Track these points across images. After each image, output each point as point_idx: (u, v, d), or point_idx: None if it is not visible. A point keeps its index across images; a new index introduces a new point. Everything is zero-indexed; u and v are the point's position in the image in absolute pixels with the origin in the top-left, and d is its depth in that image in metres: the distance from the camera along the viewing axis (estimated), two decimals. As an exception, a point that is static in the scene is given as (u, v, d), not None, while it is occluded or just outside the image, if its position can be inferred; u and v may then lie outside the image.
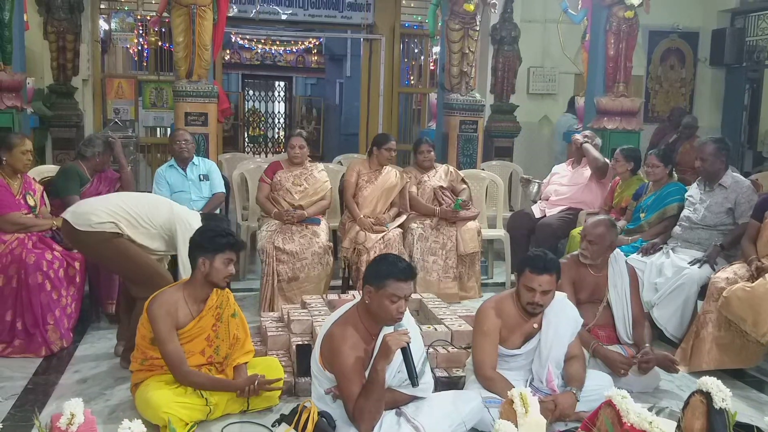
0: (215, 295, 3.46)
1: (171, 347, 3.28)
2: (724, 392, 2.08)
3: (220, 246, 3.34)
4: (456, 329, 4.04)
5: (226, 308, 3.49)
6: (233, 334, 3.50)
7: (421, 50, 10.30)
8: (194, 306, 3.40)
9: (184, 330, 3.35)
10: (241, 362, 3.50)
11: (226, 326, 3.48)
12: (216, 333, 3.45)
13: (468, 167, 6.39)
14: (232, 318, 3.51)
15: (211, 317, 3.43)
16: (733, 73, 9.57)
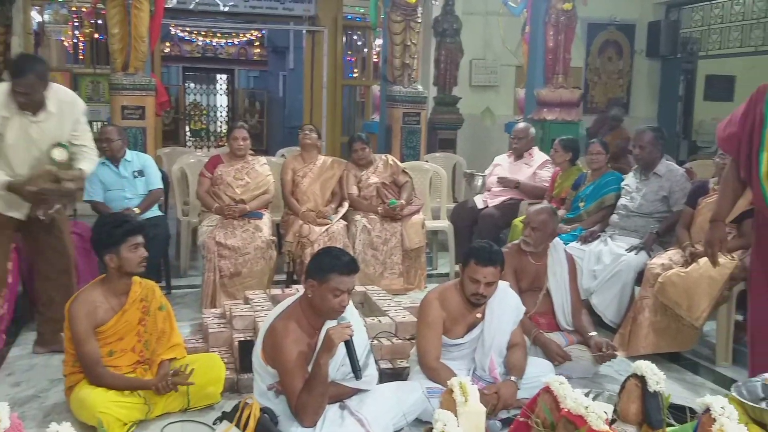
0: (138, 288, 3.39)
1: (87, 348, 3.21)
2: (658, 375, 2.13)
3: (119, 237, 3.28)
4: (400, 320, 4.05)
5: (152, 301, 3.42)
6: (160, 328, 3.42)
7: (364, 42, 10.28)
8: (115, 300, 3.33)
9: (109, 326, 3.28)
10: (166, 358, 3.42)
11: (154, 319, 3.41)
12: (145, 327, 3.39)
13: (411, 159, 6.41)
14: (159, 311, 3.43)
15: (136, 311, 3.36)
16: (669, 64, 9.82)
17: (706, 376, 4.13)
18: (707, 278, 4.14)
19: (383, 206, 5.56)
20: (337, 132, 9.85)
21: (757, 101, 3.18)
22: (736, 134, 3.26)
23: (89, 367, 3.22)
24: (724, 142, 3.39)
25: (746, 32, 9.09)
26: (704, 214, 4.44)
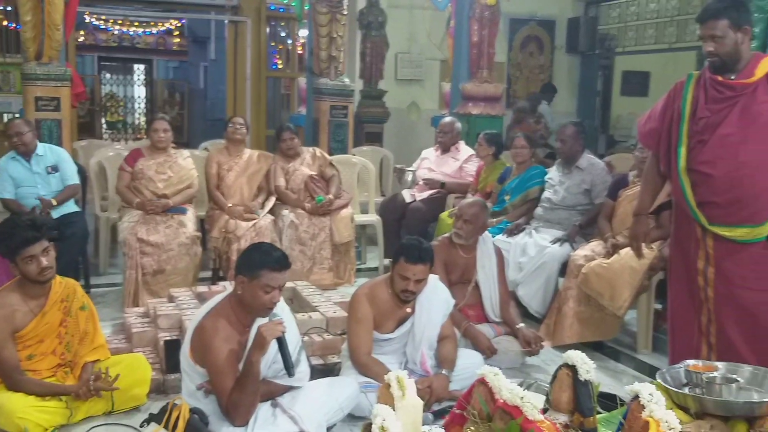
0: (59, 287, 3.25)
1: (5, 354, 3.07)
2: (588, 365, 2.19)
3: (11, 250, 3.11)
4: (331, 316, 4.03)
5: (73, 301, 3.27)
6: (82, 329, 3.29)
7: (288, 34, 10.16)
8: (34, 302, 3.18)
9: (28, 330, 3.14)
10: (89, 360, 3.28)
11: (76, 320, 3.26)
12: (66, 329, 3.25)
13: (339, 153, 6.38)
14: (81, 311, 3.29)
15: (57, 312, 3.22)
16: (587, 60, 10.10)
17: (627, 364, 4.27)
18: (628, 269, 4.28)
19: (311, 203, 5.52)
20: (262, 125, 9.72)
21: (675, 97, 3.28)
22: (656, 129, 3.36)
23: (7, 374, 3.08)
24: (645, 137, 3.50)
25: (661, 29, 9.42)
26: (624, 206, 4.59)
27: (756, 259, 3.10)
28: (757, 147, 3.03)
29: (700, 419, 2.24)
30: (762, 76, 3.03)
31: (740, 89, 3.07)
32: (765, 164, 3.03)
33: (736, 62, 3.07)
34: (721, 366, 2.45)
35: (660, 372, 2.42)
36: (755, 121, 3.03)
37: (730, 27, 3.01)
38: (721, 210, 3.13)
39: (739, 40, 3.03)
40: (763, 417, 2.16)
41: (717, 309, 3.20)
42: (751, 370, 2.47)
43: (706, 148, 3.13)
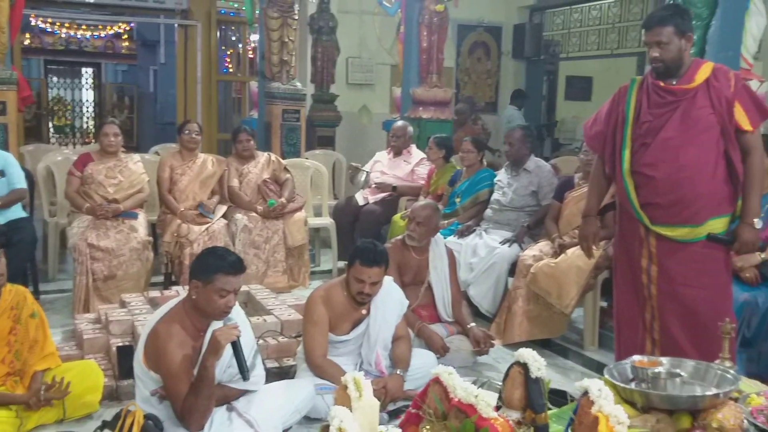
0: (8, 295, 3.18)
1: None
2: (539, 362, 2.25)
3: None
4: (286, 319, 4.04)
5: (23, 308, 3.20)
6: (32, 337, 3.22)
7: (238, 37, 10.10)
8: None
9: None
10: (39, 369, 3.20)
11: (25, 328, 3.19)
12: (16, 337, 3.18)
13: (292, 156, 6.38)
14: (31, 319, 3.22)
15: (6, 320, 3.15)
16: (533, 65, 10.29)
17: (575, 360, 4.39)
18: (575, 268, 4.40)
19: (263, 206, 5.52)
20: (213, 128, 9.64)
21: (620, 101, 3.38)
22: (601, 132, 3.47)
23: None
24: (591, 140, 3.60)
25: (603, 36, 9.68)
26: (571, 207, 4.72)
27: (696, 258, 3.22)
28: (697, 151, 3.15)
29: (646, 413, 2.32)
30: (702, 81, 3.14)
31: (681, 94, 3.16)
32: (704, 167, 3.15)
33: (679, 68, 3.18)
34: (665, 361, 2.54)
35: (607, 368, 2.50)
36: (695, 126, 3.13)
37: (675, 34, 3.11)
38: (663, 211, 3.24)
39: (683, 47, 3.13)
40: (706, 410, 2.25)
41: (660, 306, 3.31)
42: (693, 365, 2.56)
43: (649, 151, 3.24)
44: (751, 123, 3.11)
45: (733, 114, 3.10)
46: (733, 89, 3.10)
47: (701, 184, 3.15)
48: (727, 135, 3.13)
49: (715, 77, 3.13)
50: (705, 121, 3.13)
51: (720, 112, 3.11)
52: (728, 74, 3.15)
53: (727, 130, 3.12)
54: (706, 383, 2.45)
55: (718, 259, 3.24)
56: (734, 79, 3.14)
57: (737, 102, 3.10)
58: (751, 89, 3.18)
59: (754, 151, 3.15)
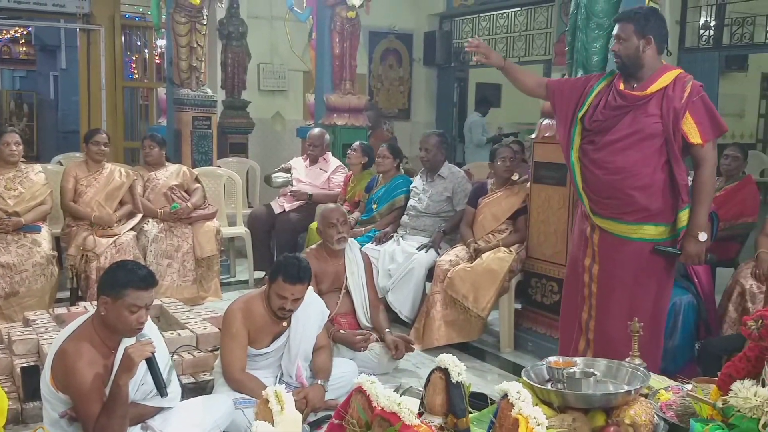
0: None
1: None
2: (460, 366, 2.27)
3: None
4: (201, 332, 3.94)
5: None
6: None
7: (144, 42, 9.82)
8: None
9: None
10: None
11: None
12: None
13: (204, 164, 6.25)
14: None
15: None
16: (444, 72, 10.46)
17: (492, 363, 4.47)
18: (490, 272, 4.50)
19: (164, 210, 5.37)
20: (120, 136, 9.33)
21: (588, 84, 3.41)
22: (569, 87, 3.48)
23: None
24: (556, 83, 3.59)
25: (510, 44, 9.90)
26: (485, 212, 4.82)
27: (634, 257, 3.29)
28: (636, 156, 3.20)
29: (563, 413, 2.38)
30: (658, 89, 3.17)
31: (632, 101, 3.21)
32: (641, 173, 3.21)
33: (639, 68, 3.21)
34: (579, 361, 2.61)
35: (525, 370, 2.54)
36: (640, 132, 3.18)
37: (635, 32, 3.16)
38: (602, 205, 3.33)
39: (641, 47, 3.16)
40: (619, 407, 2.33)
41: (599, 304, 3.39)
42: (606, 364, 2.64)
43: (593, 150, 3.32)
44: (702, 136, 3.13)
45: (679, 125, 3.13)
46: (684, 100, 3.12)
47: (636, 190, 3.21)
48: (670, 145, 3.16)
49: (672, 86, 3.15)
50: (650, 129, 3.17)
51: (666, 122, 3.14)
52: (685, 85, 3.15)
53: (670, 140, 3.15)
54: (618, 381, 2.54)
55: (658, 261, 3.29)
56: (690, 90, 3.14)
57: (688, 113, 3.13)
58: (709, 103, 3.17)
59: (704, 164, 3.16)
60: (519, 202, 4.74)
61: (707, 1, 8.02)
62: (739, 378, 2.19)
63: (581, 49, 4.18)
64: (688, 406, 2.39)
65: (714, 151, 3.20)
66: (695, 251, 3.20)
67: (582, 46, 4.18)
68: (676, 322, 3.74)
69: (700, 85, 3.19)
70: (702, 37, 8.12)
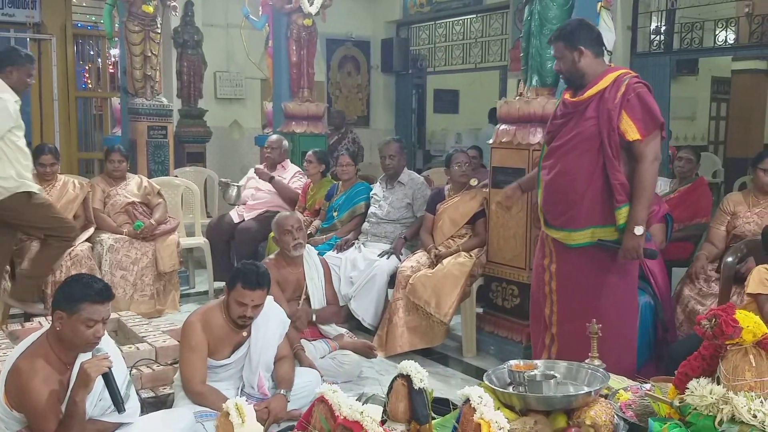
0: None
1: None
2: (422, 373, 2.27)
3: None
4: (160, 345, 3.87)
5: None
6: None
7: (98, 52, 9.66)
8: None
9: None
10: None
11: None
12: None
13: (160, 175, 6.16)
14: None
15: None
16: (402, 79, 10.49)
17: (455, 367, 4.49)
18: (451, 277, 4.52)
19: (128, 228, 5.30)
20: (74, 147, 9.15)
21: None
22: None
23: None
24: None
25: (467, 50, 9.99)
26: (444, 218, 4.84)
27: (588, 260, 3.37)
28: (576, 159, 3.31)
29: (525, 416, 2.41)
30: (596, 93, 3.26)
31: (573, 107, 3.34)
32: (581, 175, 3.30)
33: (581, 78, 3.33)
34: (540, 363, 2.64)
35: (486, 374, 2.57)
36: (579, 135, 3.30)
37: (566, 48, 3.32)
38: (550, 213, 3.43)
39: (575, 59, 3.30)
40: (580, 408, 2.36)
41: (559, 301, 3.47)
42: (566, 366, 2.68)
43: (545, 158, 3.46)
44: (639, 132, 3.19)
45: (614, 125, 3.20)
46: (618, 100, 3.20)
47: (576, 192, 3.31)
48: (604, 147, 3.23)
49: (610, 88, 3.24)
50: (588, 132, 3.27)
51: (602, 123, 3.22)
52: (621, 84, 3.23)
53: (605, 141, 3.22)
54: (579, 382, 2.57)
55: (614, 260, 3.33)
56: (625, 89, 3.21)
57: (624, 112, 3.20)
58: (645, 98, 3.23)
59: (643, 160, 3.22)
60: (476, 206, 4.78)
61: (658, 7, 8.19)
62: (695, 376, 2.24)
63: (535, 55, 4.25)
64: (647, 406, 2.43)
65: (653, 147, 3.24)
66: (632, 245, 3.25)
67: (536, 53, 4.25)
68: (634, 322, 3.79)
69: (637, 82, 3.25)
70: (653, 41, 8.28)
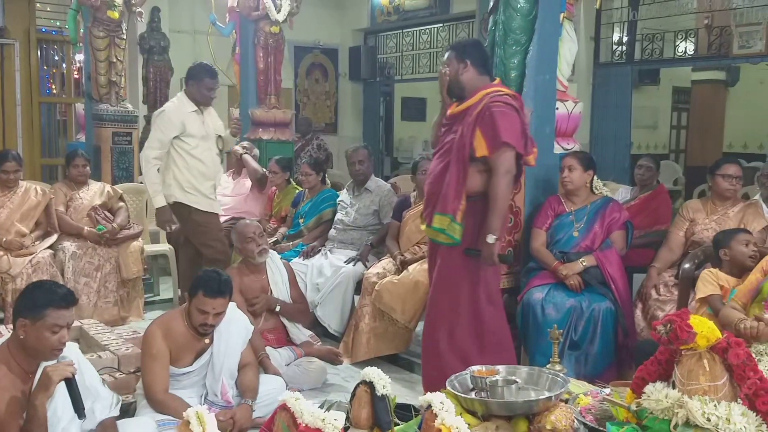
0: None
1: None
2: (385, 380, 2.29)
3: None
4: (123, 353, 3.83)
5: None
6: None
7: (62, 57, 9.53)
8: None
9: None
10: None
11: None
12: None
13: (125, 181, 6.10)
14: None
15: None
16: (369, 87, 10.55)
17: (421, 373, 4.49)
18: (416, 283, 4.53)
19: (90, 231, 5.23)
20: (37, 153, 9.02)
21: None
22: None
23: None
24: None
25: (433, 59, 10.08)
26: (410, 225, 4.86)
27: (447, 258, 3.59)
28: (441, 166, 3.56)
29: (487, 421, 2.44)
30: (466, 108, 3.50)
31: (449, 119, 3.61)
32: (439, 176, 3.54)
33: (461, 90, 3.57)
34: (501, 369, 2.68)
35: (449, 380, 2.59)
36: (446, 145, 3.56)
37: (455, 58, 3.58)
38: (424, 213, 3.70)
39: (459, 70, 3.55)
40: (540, 413, 2.39)
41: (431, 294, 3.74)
42: (527, 371, 2.72)
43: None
44: (488, 149, 3.40)
45: (466, 141, 3.43)
46: (473, 117, 3.43)
47: (435, 188, 3.56)
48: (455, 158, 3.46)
49: (476, 104, 3.46)
50: (451, 143, 3.53)
51: (460, 136, 3.46)
52: (483, 101, 3.44)
53: (455, 153, 3.46)
54: (540, 387, 2.61)
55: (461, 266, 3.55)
56: (482, 107, 3.43)
57: (478, 128, 3.41)
58: (496, 117, 3.39)
59: (495, 173, 3.41)
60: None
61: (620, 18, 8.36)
62: (652, 381, 2.29)
63: (500, 65, 4.29)
64: (605, 410, 2.47)
65: (504, 161, 3.41)
66: (486, 253, 3.44)
67: (501, 62, 4.29)
68: (596, 328, 3.85)
69: (496, 101, 3.42)
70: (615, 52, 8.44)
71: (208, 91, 4.75)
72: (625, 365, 3.86)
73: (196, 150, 4.74)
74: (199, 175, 4.78)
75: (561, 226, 4.12)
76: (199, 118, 4.78)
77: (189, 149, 4.72)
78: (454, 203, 3.44)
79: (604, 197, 4.22)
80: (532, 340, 3.89)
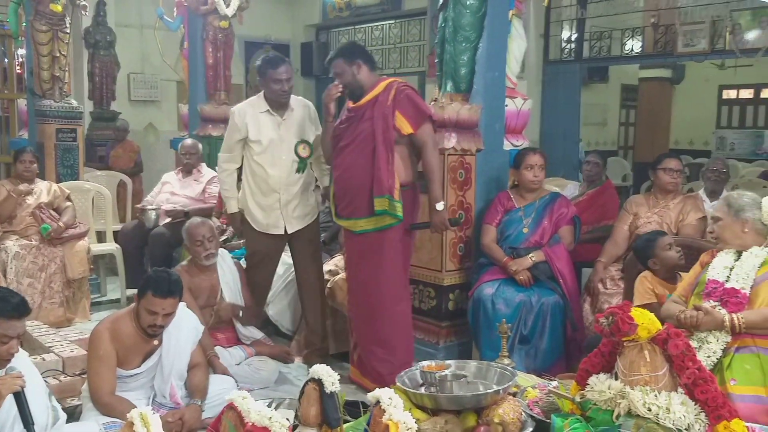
0: None
1: None
2: (333, 377, 2.29)
3: None
4: (68, 356, 3.75)
5: None
6: None
7: (4, 51, 9.25)
8: None
9: None
10: None
11: None
12: None
13: (70, 179, 5.94)
14: None
15: None
16: (322, 83, 10.48)
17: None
18: (368, 280, 4.53)
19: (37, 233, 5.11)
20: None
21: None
22: None
23: None
24: None
25: (386, 55, 10.09)
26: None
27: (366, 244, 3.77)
28: (357, 156, 3.71)
29: (436, 415, 2.45)
30: (370, 99, 3.69)
31: (354, 112, 3.77)
32: (361, 168, 3.68)
33: (360, 89, 3.74)
34: (451, 364, 2.70)
35: (399, 375, 2.60)
36: (359, 135, 3.71)
37: (345, 63, 3.74)
38: (339, 206, 3.86)
39: (354, 72, 3.73)
40: (489, 407, 2.42)
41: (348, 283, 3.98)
42: (476, 365, 2.75)
43: (334, 157, 3.88)
44: (412, 126, 3.67)
45: (390, 123, 3.63)
46: (390, 102, 3.64)
47: (358, 185, 3.70)
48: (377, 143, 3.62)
49: (383, 93, 3.68)
50: (365, 132, 3.68)
51: (377, 123, 3.63)
52: (392, 89, 3.68)
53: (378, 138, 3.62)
54: (488, 381, 2.63)
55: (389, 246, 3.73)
56: (395, 92, 3.66)
57: (397, 111, 3.65)
58: (413, 97, 3.69)
59: (425, 147, 3.70)
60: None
61: (569, 16, 8.48)
62: (595, 373, 2.34)
63: (449, 62, 4.32)
64: (552, 402, 2.51)
65: (430, 135, 3.74)
66: (438, 220, 3.74)
67: (450, 59, 4.32)
68: (545, 322, 3.91)
69: (405, 86, 3.73)
70: (564, 50, 8.56)
71: (274, 83, 4.17)
72: (573, 358, 3.92)
73: (261, 157, 4.21)
74: (257, 186, 4.28)
75: (511, 221, 4.17)
76: (273, 120, 4.24)
77: (252, 155, 4.23)
78: (389, 182, 3.59)
79: (552, 193, 4.28)
80: (483, 335, 3.93)
